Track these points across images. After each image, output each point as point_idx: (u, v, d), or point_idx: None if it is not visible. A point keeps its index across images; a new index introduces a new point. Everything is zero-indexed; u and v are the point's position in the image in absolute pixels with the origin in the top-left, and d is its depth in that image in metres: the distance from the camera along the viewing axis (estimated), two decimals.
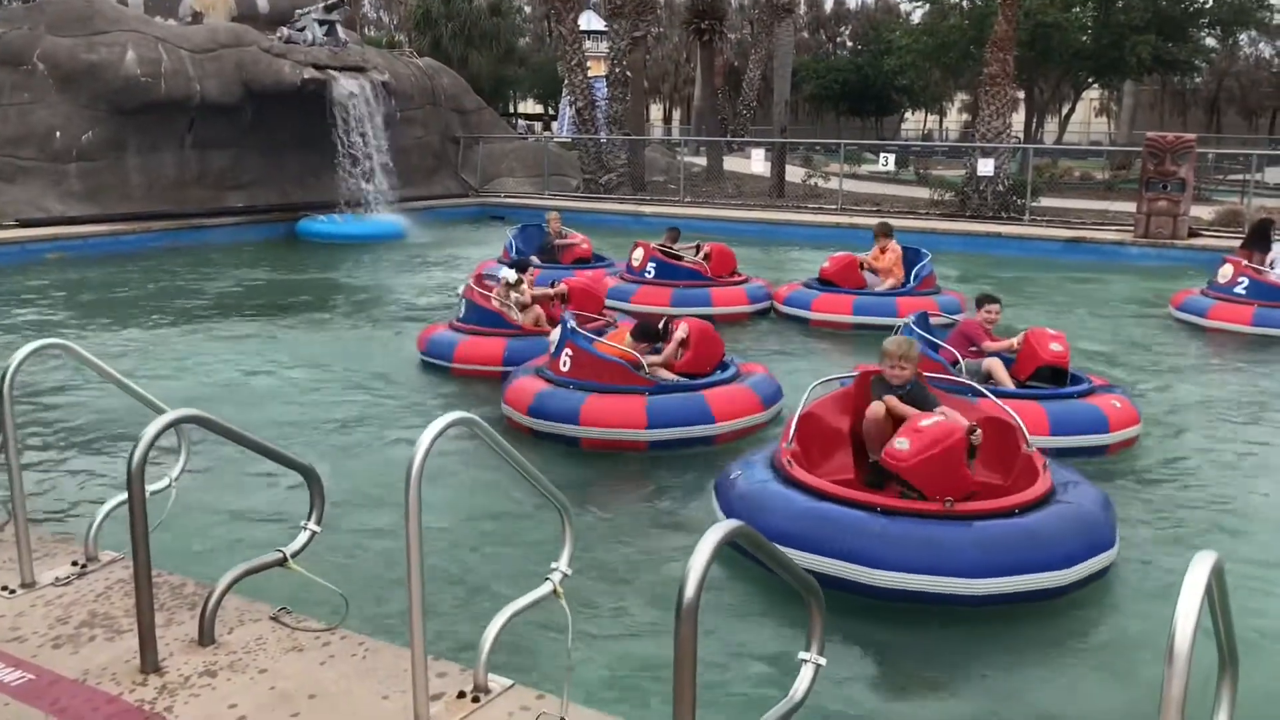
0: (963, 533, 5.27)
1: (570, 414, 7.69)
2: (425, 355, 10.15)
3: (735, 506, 5.77)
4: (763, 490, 5.83)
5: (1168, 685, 2.19)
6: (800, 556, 5.14)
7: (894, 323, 11.27)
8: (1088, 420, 7.63)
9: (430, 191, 25.23)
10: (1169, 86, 64.68)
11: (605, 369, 7.92)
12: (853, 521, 5.35)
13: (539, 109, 67.49)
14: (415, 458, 3.09)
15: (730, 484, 6.10)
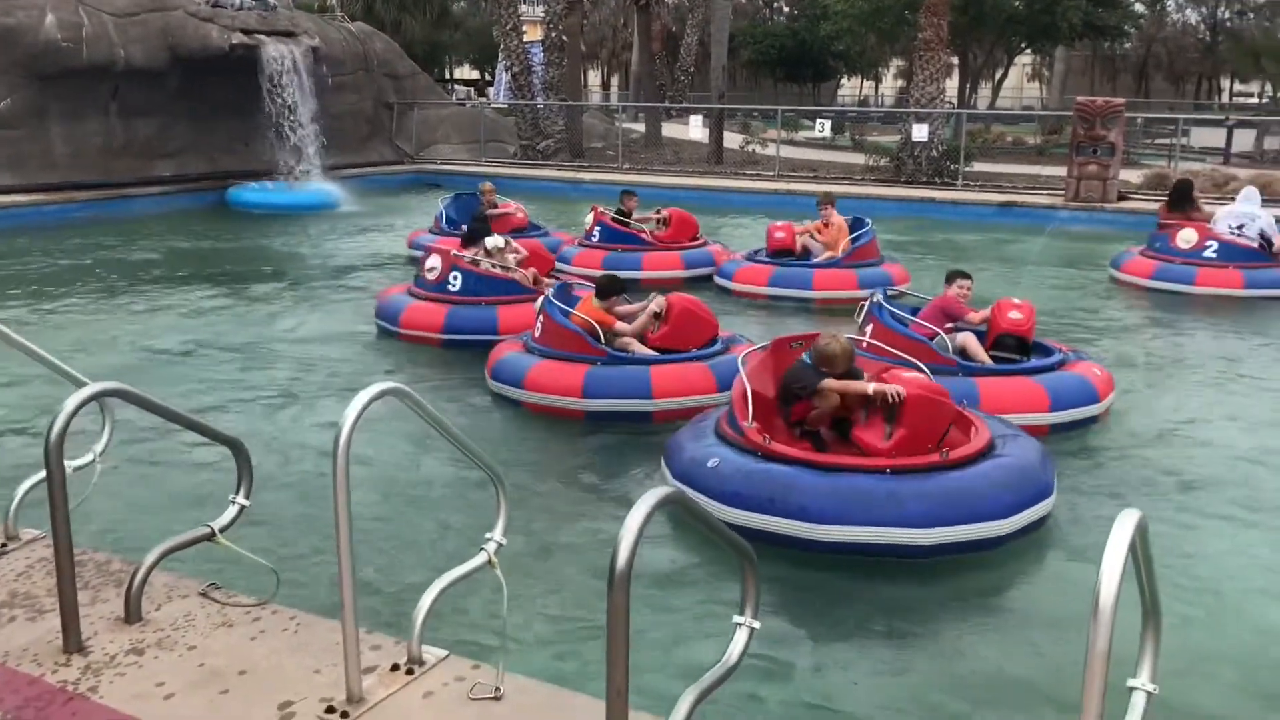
0: (904, 486, 5.47)
1: (517, 378, 7.86)
2: (447, 334, 9.72)
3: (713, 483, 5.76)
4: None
5: (1093, 639, 2.22)
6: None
7: (834, 296, 11.34)
8: (1081, 392, 7.53)
9: (364, 159, 24.83)
10: (1099, 52, 65.52)
11: (568, 338, 7.89)
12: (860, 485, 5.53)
13: (475, 75, 66.64)
14: (342, 429, 3.03)
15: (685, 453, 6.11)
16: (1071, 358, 7.91)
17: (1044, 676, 4.44)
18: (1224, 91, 73.18)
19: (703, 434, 6.24)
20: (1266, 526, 5.97)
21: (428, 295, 10.00)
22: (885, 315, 7.88)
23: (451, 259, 10.14)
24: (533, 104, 26.92)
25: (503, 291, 10.04)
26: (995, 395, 7.25)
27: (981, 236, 17.25)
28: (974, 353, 7.83)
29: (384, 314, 10.20)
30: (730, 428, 6.10)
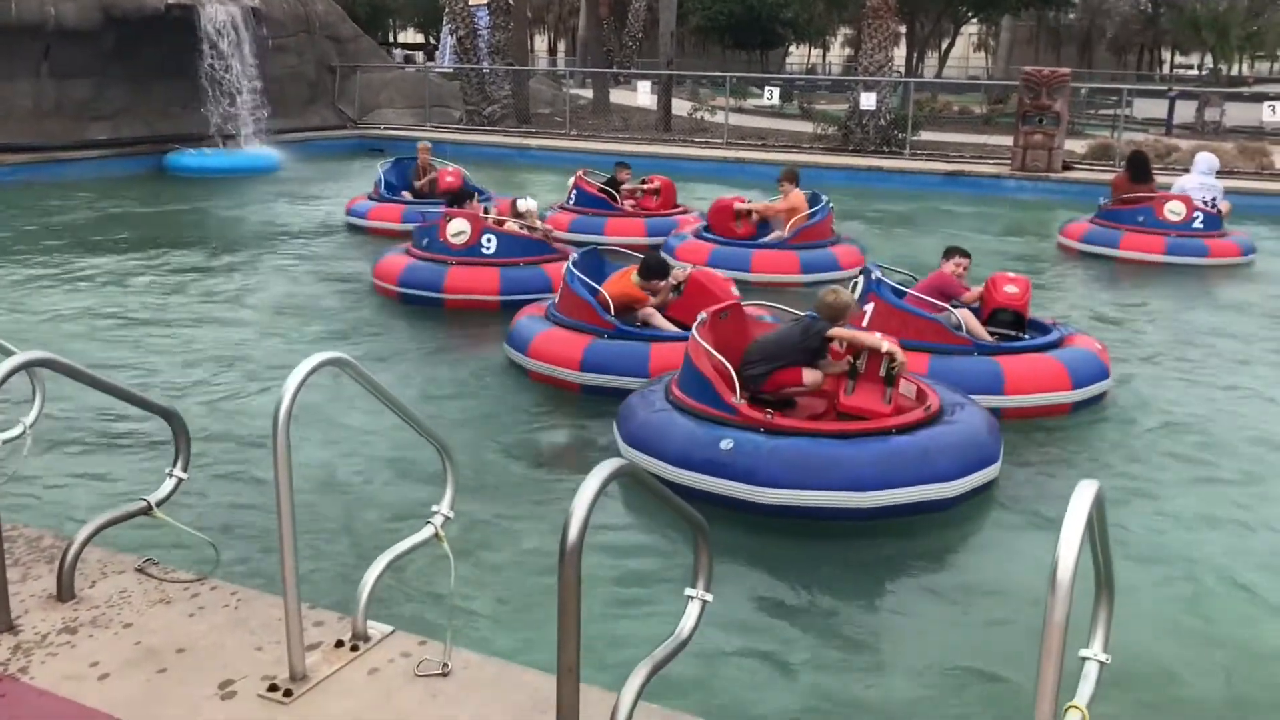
0: (931, 442, 5.58)
1: (523, 344, 7.80)
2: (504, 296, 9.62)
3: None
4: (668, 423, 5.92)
5: (1050, 610, 2.20)
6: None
7: (771, 280, 10.72)
8: (1096, 367, 7.30)
9: (306, 123, 24.35)
10: (1044, 23, 66.03)
11: (582, 307, 7.72)
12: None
13: (420, 38, 65.69)
14: (282, 400, 2.93)
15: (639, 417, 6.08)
16: (1068, 332, 7.68)
17: (1001, 644, 4.47)
18: (1165, 63, 74.13)
19: (654, 405, 6.14)
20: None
21: (462, 260, 9.86)
22: (887, 292, 7.45)
23: (481, 222, 10.08)
24: (478, 68, 26.55)
25: (536, 252, 10.14)
26: (1020, 375, 7.02)
27: (928, 205, 17.33)
28: (975, 330, 7.44)
29: (417, 282, 9.87)
30: (706, 403, 5.91)
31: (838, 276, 10.40)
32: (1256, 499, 5.94)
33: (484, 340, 8.92)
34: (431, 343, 8.95)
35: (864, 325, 7.26)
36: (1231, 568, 5.13)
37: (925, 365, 6.91)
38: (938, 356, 7.06)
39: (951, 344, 7.13)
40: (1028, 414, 7.00)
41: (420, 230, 10.47)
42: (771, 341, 6.30)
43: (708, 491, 5.51)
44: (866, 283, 7.57)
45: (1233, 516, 5.71)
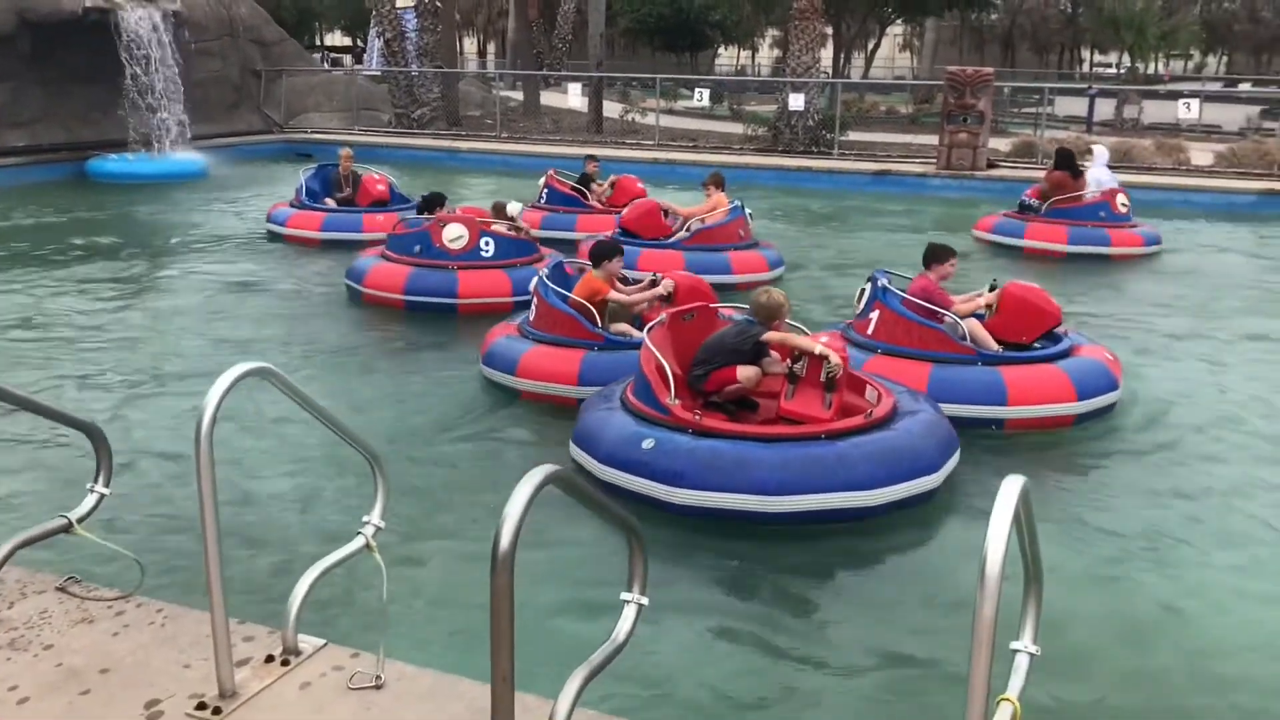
0: (766, 454, 5.48)
1: (509, 365, 7.50)
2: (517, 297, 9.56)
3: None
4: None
5: (980, 605, 2.22)
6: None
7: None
8: (1103, 378, 7.14)
9: (231, 128, 23.95)
10: (967, 23, 67.07)
11: (562, 321, 7.54)
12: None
13: (347, 41, 64.96)
14: (205, 411, 2.87)
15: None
16: (1080, 341, 7.54)
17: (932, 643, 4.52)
18: (1085, 61, 75.76)
19: (612, 407, 6.10)
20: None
21: (463, 264, 9.82)
22: (893, 299, 7.30)
23: (479, 225, 10.06)
24: (407, 71, 26.32)
25: (529, 253, 10.28)
26: (1023, 386, 6.89)
27: (856, 204, 17.53)
28: (982, 340, 7.21)
29: (426, 289, 9.74)
30: (645, 404, 5.91)
31: (728, 281, 10.38)
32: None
33: (435, 346, 8.91)
34: (373, 348, 8.85)
35: (869, 332, 7.29)
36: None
37: (926, 375, 6.87)
38: (939, 366, 6.97)
39: (955, 353, 7.03)
40: (1030, 425, 6.90)
41: (404, 237, 10.26)
42: (713, 341, 6.30)
43: (630, 490, 5.54)
44: (873, 290, 7.47)
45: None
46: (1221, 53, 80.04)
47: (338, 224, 13.03)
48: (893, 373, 6.82)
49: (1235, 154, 20.44)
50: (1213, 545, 5.42)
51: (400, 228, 10.62)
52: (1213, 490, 6.10)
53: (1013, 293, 7.49)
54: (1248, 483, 6.19)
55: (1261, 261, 13.28)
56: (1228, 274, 12.25)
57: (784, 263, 11.49)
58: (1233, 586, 4.99)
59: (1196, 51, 74.29)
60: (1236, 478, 6.27)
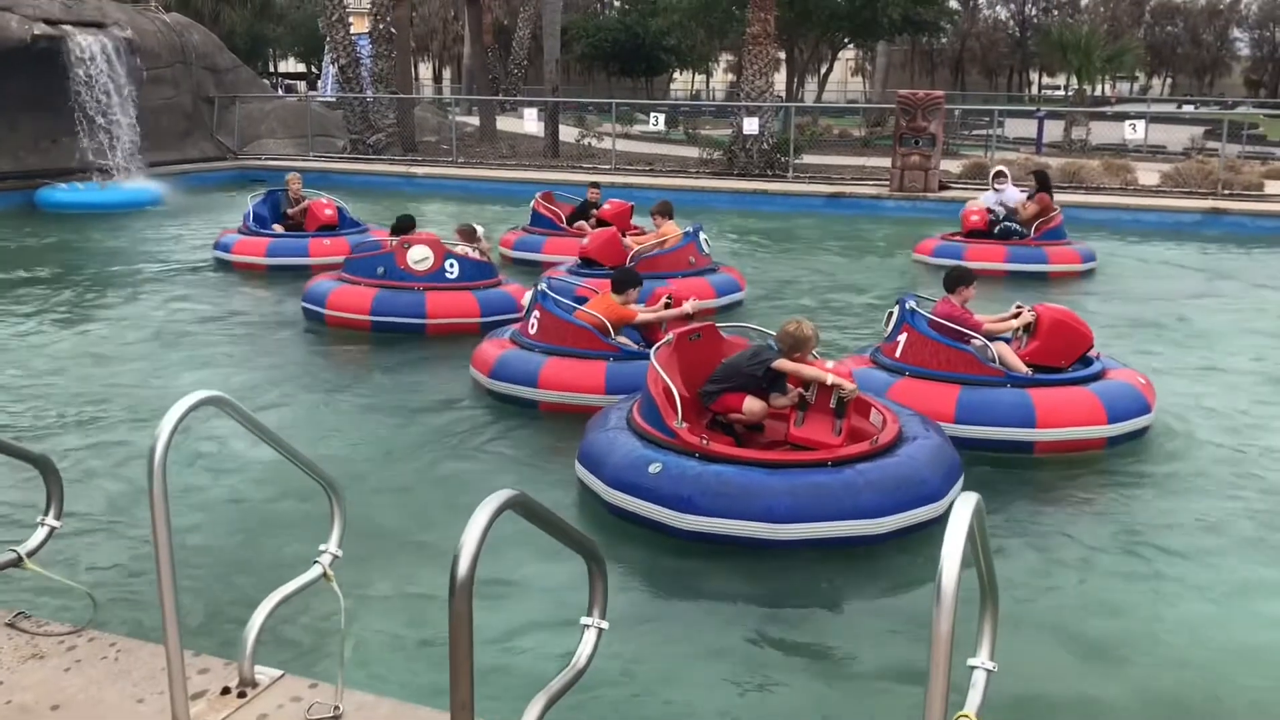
0: (774, 481, 5.46)
1: (530, 377, 7.64)
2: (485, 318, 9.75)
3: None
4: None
5: (936, 621, 2.24)
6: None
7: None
8: (1135, 402, 7.04)
9: (184, 155, 23.75)
10: (918, 47, 68.11)
11: (571, 333, 7.76)
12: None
13: (301, 68, 64.72)
14: (158, 441, 2.84)
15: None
16: (1111, 364, 7.46)
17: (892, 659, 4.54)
18: (1034, 84, 77.09)
19: (618, 428, 6.10)
20: None
21: (430, 286, 9.87)
22: (921, 322, 7.27)
23: (444, 247, 10.13)
24: (362, 97, 26.25)
25: (489, 275, 10.35)
26: (1052, 408, 6.80)
27: (810, 226, 17.67)
28: (1012, 363, 7.13)
29: (393, 311, 9.76)
30: (652, 426, 5.89)
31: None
32: None
33: (408, 365, 8.87)
34: (340, 370, 8.79)
35: (897, 355, 7.27)
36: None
37: (955, 397, 6.85)
38: (968, 388, 6.92)
39: (984, 375, 6.98)
40: (1060, 448, 6.84)
41: (366, 260, 10.22)
42: (729, 362, 6.33)
43: (638, 515, 5.56)
44: (901, 313, 7.42)
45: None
46: (1165, 74, 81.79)
47: (283, 249, 12.91)
48: (921, 395, 6.85)
49: (1180, 174, 20.86)
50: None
51: (365, 252, 10.53)
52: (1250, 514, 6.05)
53: (1050, 316, 7.43)
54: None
55: (1205, 275, 13.55)
56: (1177, 288, 12.48)
57: (741, 288, 11.32)
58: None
59: (1141, 74, 75.85)
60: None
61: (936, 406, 6.78)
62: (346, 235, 12.84)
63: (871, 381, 7.00)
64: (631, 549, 5.47)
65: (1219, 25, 77.33)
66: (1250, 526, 5.88)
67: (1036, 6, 75.43)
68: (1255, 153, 27.99)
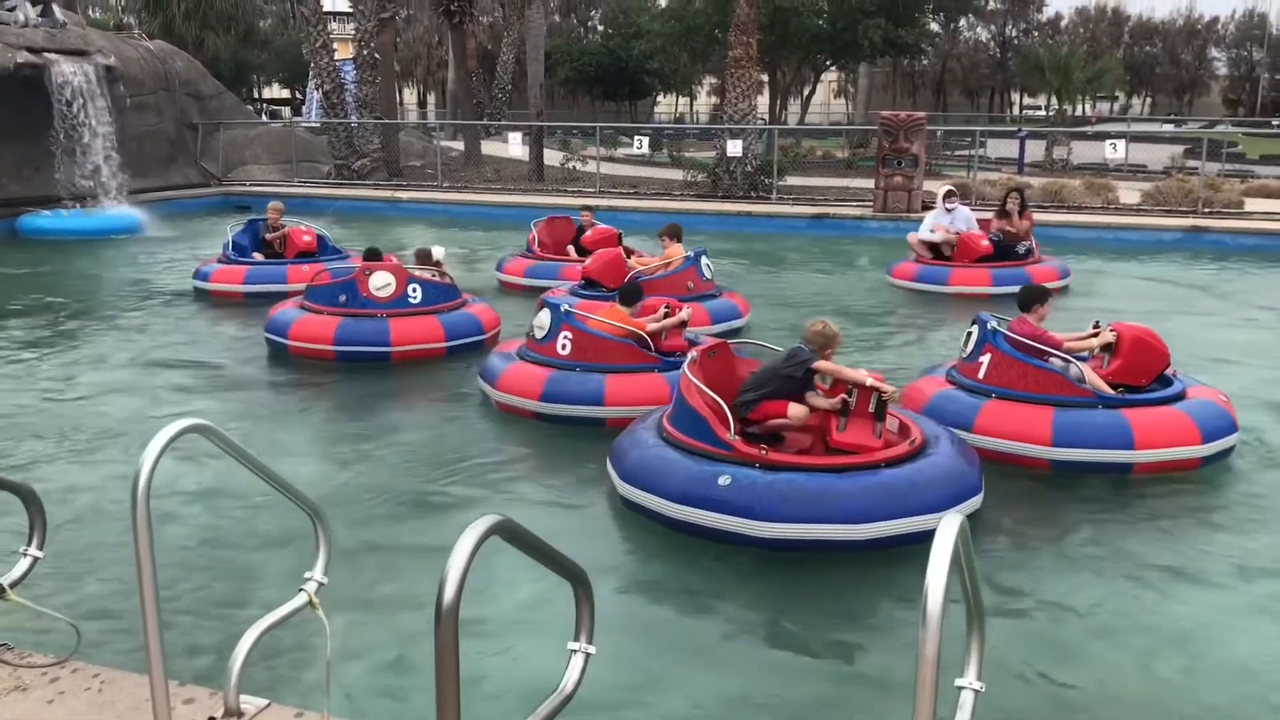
0: (843, 484, 5.67)
1: (596, 396, 7.74)
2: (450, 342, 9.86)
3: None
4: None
5: (923, 644, 2.24)
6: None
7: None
8: (1224, 420, 6.92)
9: (168, 181, 23.73)
10: (900, 68, 68.64)
11: (610, 349, 7.99)
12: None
13: (286, 93, 64.83)
14: (141, 470, 2.83)
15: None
16: (1190, 383, 7.33)
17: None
18: (1015, 104, 77.70)
19: (656, 444, 6.20)
20: None
21: (393, 312, 9.76)
22: (1003, 342, 7.18)
23: (406, 273, 10.05)
24: (346, 122, 26.30)
25: (453, 298, 10.31)
26: (1149, 429, 6.71)
27: (795, 247, 17.73)
28: (1096, 383, 6.98)
29: (357, 339, 9.64)
30: (701, 440, 6.00)
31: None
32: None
33: (380, 395, 8.82)
34: (309, 399, 8.77)
35: (979, 377, 7.18)
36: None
37: (1049, 419, 6.76)
38: (1062, 410, 6.82)
39: (1073, 395, 6.87)
40: (1159, 469, 6.72)
41: (327, 288, 10.10)
42: (764, 370, 6.49)
43: (707, 526, 5.69)
44: (981, 333, 7.32)
45: None
46: (1145, 94, 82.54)
47: (261, 277, 12.77)
48: (1012, 418, 6.84)
49: (1160, 192, 21.03)
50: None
51: (322, 278, 10.41)
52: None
53: (1131, 335, 7.33)
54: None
55: (1189, 289, 13.64)
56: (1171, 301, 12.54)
57: (743, 314, 11.09)
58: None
59: (1121, 94, 76.54)
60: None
61: (1030, 430, 6.74)
62: (326, 261, 12.77)
63: (955, 404, 7.09)
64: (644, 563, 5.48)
65: (1197, 45, 78.13)
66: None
67: (1017, 28, 76.14)
68: (1235, 171, 28.21)
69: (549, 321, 8.22)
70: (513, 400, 8.06)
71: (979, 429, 6.91)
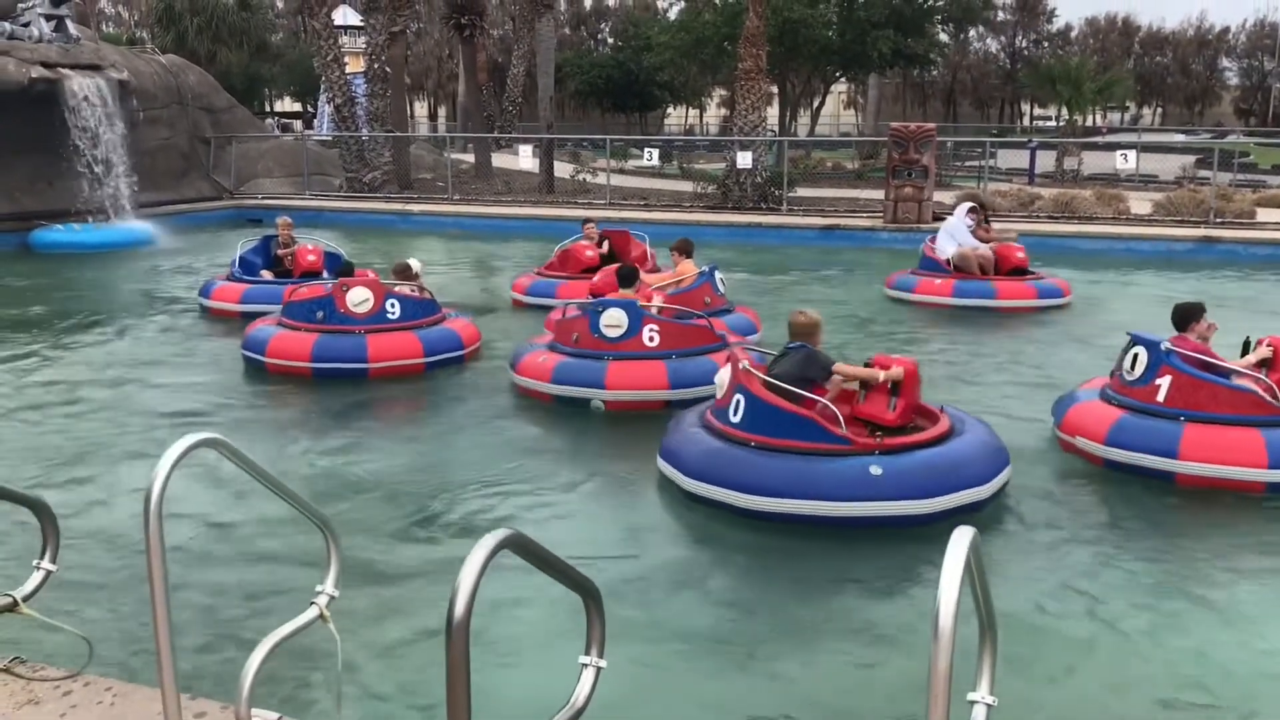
0: (955, 453, 6.30)
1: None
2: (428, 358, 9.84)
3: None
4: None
5: (935, 659, 2.22)
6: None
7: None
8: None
9: (180, 195, 23.85)
10: (909, 79, 68.66)
11: (695, 334, 8.90)
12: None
13: (297, 107, 65.17)
14: (154, 484, 2.83)
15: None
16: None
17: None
18: (1025, 115, 77.62)
19: (743, 456, 6.38)
20: None
21: (371, 328, 9.69)
22: (1178, 362, 6.91)
23: (384, 288, 9.99)
24: (357, 135, 26.40)
25: (432, 313, 10.27)
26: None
27: (806, 258, 17.72)
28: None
29: (334, 356, 9.58)
30: (811, 440, 6.26)
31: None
32: None
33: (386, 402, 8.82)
34: (307, 413, 8.78)
35: (1160, 399, 6.90)
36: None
37: (1262, 443, 6.50)
38: (1269, 430, 6.58)
39: (1273, 416, 6.65)
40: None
41: (304, 304, 10.04)
42: (787, 374, 6.69)
43: (867, 517, 6.07)
44: (1153, 355, 7.03)
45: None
46: (1156, 104, 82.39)
47: (257, 296, 12.52)
48: (1219, 443, 6.58)
49: (1172, 202, 20.97)
50: None
51: (299, 294, 10.28)
52: None
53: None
54: None
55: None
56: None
57: (757, 329, 10.91)
58: None
59: (1132, 104, 76.42)
60: None
61: (1241, 455, 6.52)
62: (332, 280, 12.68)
63: (1144, 431, 6.84)
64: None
65: (1208, 55, 77.95)
66: None
67: (1027, 39, 76.11)
68: (1246, 180, 28.13)
69: (622, 322, 8.68)
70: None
71: (1185, 455, 6.65)
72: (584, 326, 8.84)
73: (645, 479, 7.02)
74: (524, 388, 8.95)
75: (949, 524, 5.26)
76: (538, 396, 8.85)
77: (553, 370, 8.69)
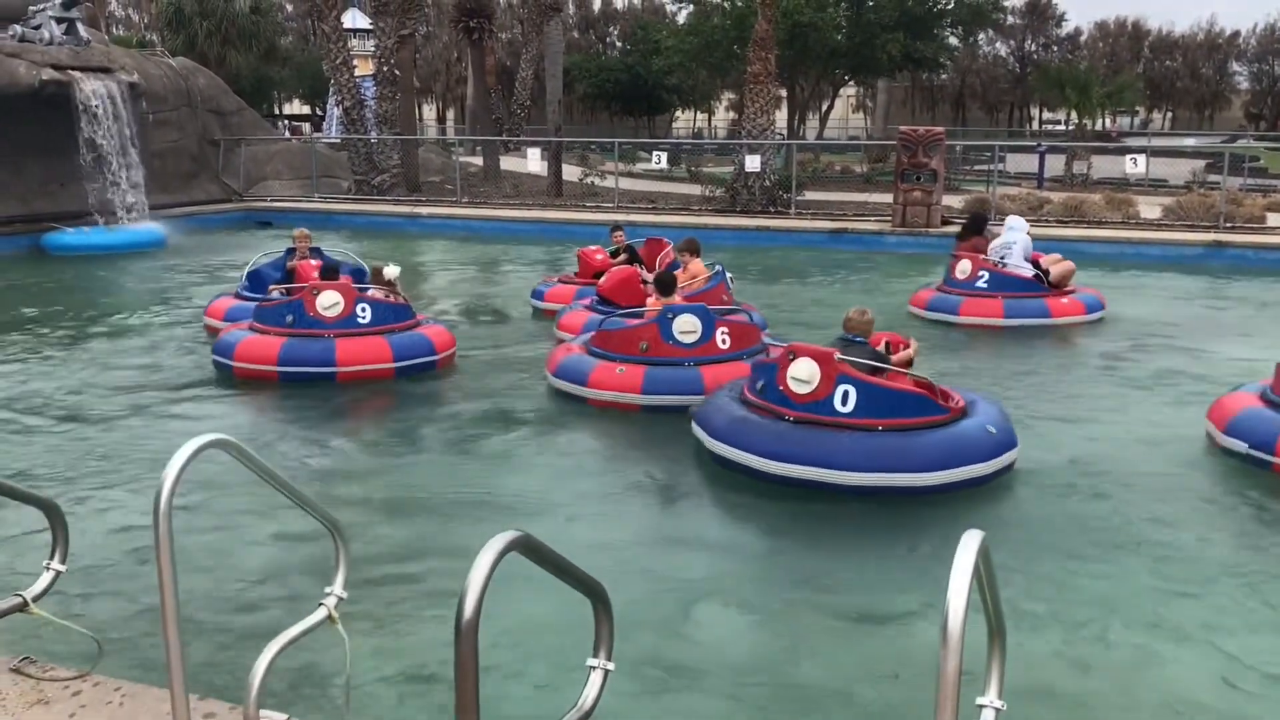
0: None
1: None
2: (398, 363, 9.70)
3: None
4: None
5: (943, 662, 2.22)
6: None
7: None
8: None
9: (190, 197, 23.92)
10: (918, 83, 68.66)
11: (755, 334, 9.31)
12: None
13: (306, 109, 65.34)
14: (164, 485, 2.84)
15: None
16: None
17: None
18: (1034, 119, 77.55)
19: (869, 441, 6.70)
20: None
21: (340, 332, 9.58)
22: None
23: (354, 292, 9.87)
24: (366, 138, 26.46)
25: (405, 318, 10.14)
26: None
27: (814, 262, 17.71)
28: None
29: (301, 360, 9.49)
30: (914, 415, 6.77)
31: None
32: None
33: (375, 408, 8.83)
34: (313, 417, 8.80)
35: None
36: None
37: None
38: None
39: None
40: None
41: (274, 308, 9.97)
42: (858, 364, 7.00)
43: (987, 475, 6.76)
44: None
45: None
46: (1165, 108, 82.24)
47: (238, 313, 11.83)
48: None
49: (1182, 206, 20.92)
50: None
51: (270, 301, 10.23)
52: None
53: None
54: None
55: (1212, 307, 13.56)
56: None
57: (765, 325, 10.73)
58: None
59: (1141, 108, 76.30)
60: None
61: None
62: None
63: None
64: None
65: (1218, 59, 77.82)
66: None
67: (1036, 43, 76.06)
68: (1256, 185, 28.07)
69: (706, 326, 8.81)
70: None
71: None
72: (653, 334, 8.64)
73: (689, 477, 7.22)
74: (604, 401, 8.61)
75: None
76: (622, 408, 8.57)
77: (641, 382, 8.53)
